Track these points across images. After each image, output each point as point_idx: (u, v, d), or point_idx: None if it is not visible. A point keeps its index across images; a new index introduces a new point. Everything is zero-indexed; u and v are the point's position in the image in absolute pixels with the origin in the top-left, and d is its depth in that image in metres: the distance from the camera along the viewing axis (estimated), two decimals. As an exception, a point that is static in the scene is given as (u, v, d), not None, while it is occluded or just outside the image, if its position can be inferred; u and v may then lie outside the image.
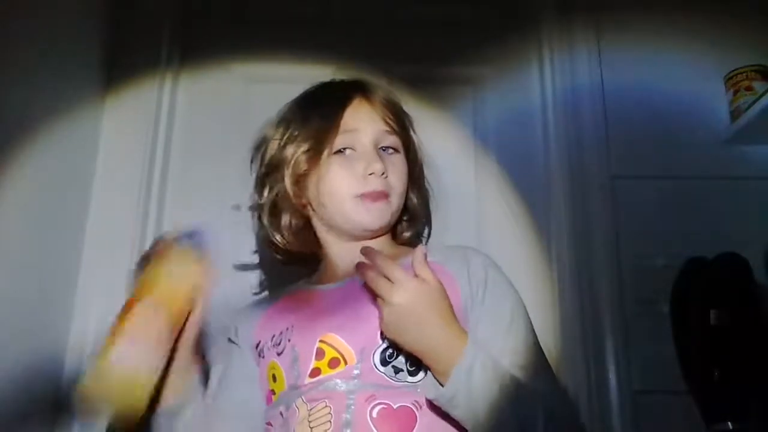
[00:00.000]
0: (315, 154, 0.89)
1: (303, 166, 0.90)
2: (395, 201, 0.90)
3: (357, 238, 0.91)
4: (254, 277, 1.16)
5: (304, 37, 1.39)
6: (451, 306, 0.76)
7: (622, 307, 1.20)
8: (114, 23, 1.34)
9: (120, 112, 1.31)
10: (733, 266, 1.13)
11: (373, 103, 0.92)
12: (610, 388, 1.16)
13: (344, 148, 0.89)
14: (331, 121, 0.89)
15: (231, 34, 1.42)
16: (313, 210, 0.93)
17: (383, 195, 0.88)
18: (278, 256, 0.98)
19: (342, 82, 0.98)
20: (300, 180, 0.92)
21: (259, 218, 0.98)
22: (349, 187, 0.87)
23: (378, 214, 0.88)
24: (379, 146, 0.90)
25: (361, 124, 0.90)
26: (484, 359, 0.72)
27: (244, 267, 1.16)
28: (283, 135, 0.94)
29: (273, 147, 0.95)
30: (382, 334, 0.78)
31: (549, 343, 1.21)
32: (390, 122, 0.91)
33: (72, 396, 0.69)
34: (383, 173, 0.87)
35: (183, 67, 1.39)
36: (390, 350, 0.78)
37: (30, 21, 1.03)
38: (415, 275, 0.75)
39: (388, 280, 0.74)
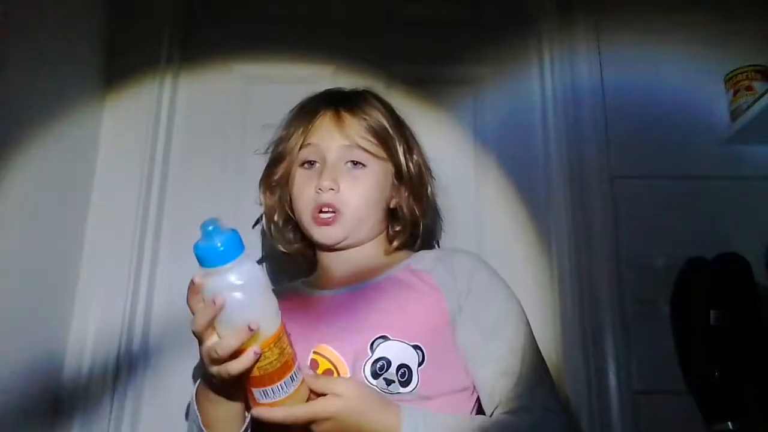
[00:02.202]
0: (287, 166, 0.95)
1: (276, 176, 0.97)
2: (351, 216, 0.90)
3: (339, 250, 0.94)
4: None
5: (304, 37, 1.39)
6: (374, 396, 0.74)
7: (622, 307, 1.20)
8: (114, 23, 1.34)
9: (120, 112, 1.31)
10: (733, 266, 1.13)
11: (340, 118, 0.93)
12: (610, 388, 1.16)
13: (312, 161, 0.93)
14: (297, 135, 0.94)
15: (231, 34, 1.42)
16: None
17: (332, 208, 0.89)
18: (282, 250, 1.02)
19: (325, 93, 1.00)
20: (282, 189, 0.97)
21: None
22: (306, 200, 0.92)
23: (326, 230, 0.91)
24: (346, 160, 0.91)
25: (322, 140, 0.93)
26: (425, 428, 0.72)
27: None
28: (273, 143, 1.00)
29: (270, 151, 1.01)
30: (371, 344, 0.79)
31: (549, 343, 1.22)
32: (354, 137, 0.91)
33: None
34: (331, 189, 0.89)
35: (183, 67, 1.39)
36: (380, 362, 0.79)
37: (30, 21, 1.03)
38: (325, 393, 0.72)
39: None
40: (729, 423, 1.06)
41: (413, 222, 0.97)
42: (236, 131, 1.35)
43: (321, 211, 0.90)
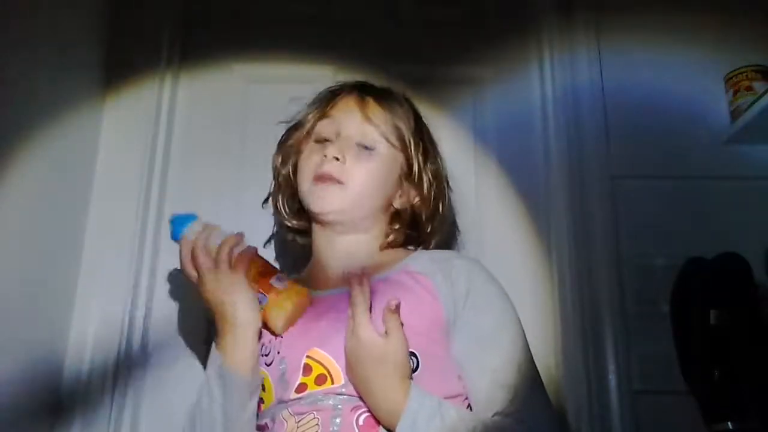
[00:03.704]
0: (301, 135, 0.97)
1: (290, 142, 0.99)
2: (352, 190, 0.90)
3: (331, 227, 0.93)
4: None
5: (304, 37, 1.39)
6: (405, 361, 0.75)
7: (622, 307, 1.20)
8: (114, 23, 1.34)
9: (120, 112, 1.31)
10: (733, 266, 1.13)
11: (365, 102, 0.94)
12: (610, 388, 1.16)
13: (326, 139, 0.94)
14: (319, 107, 0.96)
15: (231, 34, 1.42)
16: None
17: (333, 178, 0.89)
18: (285, 224, 1.03)
19: (356, 81, 1.01)
20: (294, 158, 0.99)
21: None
22: (310, 167, 0.93)
23: (324, 197, 0.90)
24: (358, 141, 0.92)
25: (341, 114, 0.94)
26: (430, 412, 0.72)
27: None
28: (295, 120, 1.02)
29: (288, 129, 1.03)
30: None
31: (549, 344, 1.22)
32: (373, 119, 0.92)
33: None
34: (336, 158, 0.89)
35: (183, 67, 1.39)
36: None
37: (30, 21, 1.03)
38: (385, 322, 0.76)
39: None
40: (729, 423, 1.06)
41: (414, 224, 0.97)
42: (236, 131, 1.35)
43: (321, 180, 0.90)
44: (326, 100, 0.97)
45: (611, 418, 1.14)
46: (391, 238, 0.96)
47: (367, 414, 0.76)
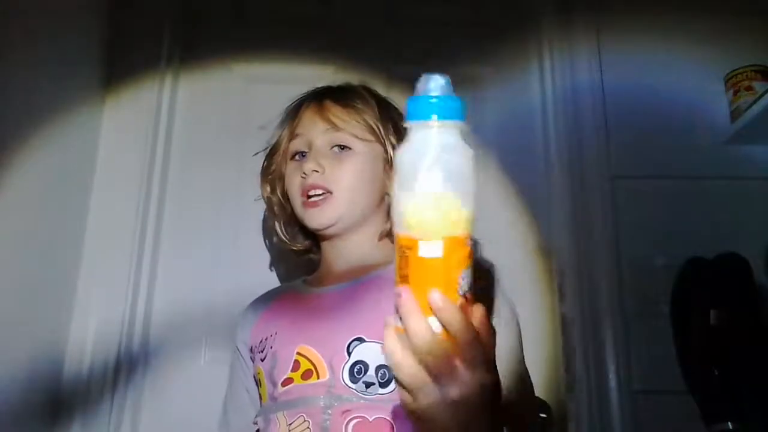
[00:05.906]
0: (280, 160, 0.98)
1: (271, 170, 0.99)
2: (341, 196, 0.90)
3: (336, 236, 0.93)
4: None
5: (304, 37, 1.39)
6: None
7: (622, 307, 1.20)
8: (114, 23, 1.34)
9: (120, 111, 1.31)
10: (733, 266, 1.13)
11: (323, 107, 0.94)
12: (610, 388, 1.16)
13: (302, 153, 0.94)
14: (286, 129, 0.97)
15: (231, 34, 1.42)
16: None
17: (319, 186, 0.89)
18: (291, 249, 1.03)
19: (314, 89, 1.01)
20: (279, 185, 0.99)
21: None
22: (295, 188, 0.93)
23: (317, 213, 0.90)
24: (331, 145, 0.92)
25: (307, 128, 0.94)
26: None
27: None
28: (271, 140, 1.02)
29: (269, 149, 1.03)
30: (348, 347, 0.78)
31: (549, 343, 1.22)
32: (336, 121, 0.92)
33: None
34: (315, 171, 0.90)
35: (183, 66, 1.39)
36: (358, 366, 0.78)
37: (30, 21, 1.03)
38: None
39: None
40: (729, 423, 1.06)
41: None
42: (236, 131, 1.35)
43: (309, 195, 0.90)
44: (291, 119, 0.97)
45: (611, 418, 1.14)
46: (388, 226, 0.94)
47: (357, 420, 0.75)
